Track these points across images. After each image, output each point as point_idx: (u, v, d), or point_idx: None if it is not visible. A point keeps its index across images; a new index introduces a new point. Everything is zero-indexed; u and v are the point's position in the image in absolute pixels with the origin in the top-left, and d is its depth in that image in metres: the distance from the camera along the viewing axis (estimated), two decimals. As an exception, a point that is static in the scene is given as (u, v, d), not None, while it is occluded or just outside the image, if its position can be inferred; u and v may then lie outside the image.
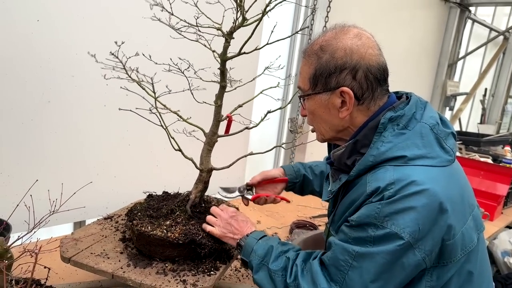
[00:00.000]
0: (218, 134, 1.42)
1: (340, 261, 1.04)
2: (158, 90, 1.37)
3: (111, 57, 1.32)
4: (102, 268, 1.23)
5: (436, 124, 1.09)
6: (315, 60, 1.12)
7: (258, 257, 1.19)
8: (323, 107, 1.15)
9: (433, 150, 1.06)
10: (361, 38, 1.10)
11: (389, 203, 0.98)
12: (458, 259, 1.04)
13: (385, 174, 1.02)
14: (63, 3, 1.85)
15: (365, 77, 1.08)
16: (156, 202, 1.45)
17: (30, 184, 1.39)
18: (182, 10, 1.28)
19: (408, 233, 0.96)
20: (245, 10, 1.22)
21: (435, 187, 0.98)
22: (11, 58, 1.77)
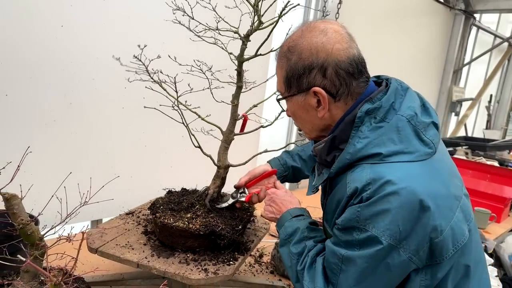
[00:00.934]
0: (235, 132, 1.49)
1: (332, 264, 1.05)
2: (179, 90, 1.45)
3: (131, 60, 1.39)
4: (128, 258, 1.30)
5: (414, 115, 1.04)
6: (285, 63, 1.11)
7: (285, 234, 1.23)
8: (301, 108, 1.13)
9: (411, 144, 1.01)
10: (327, 33, 1.06)
11: (368, 206, 0.96)
12: (451, 255, 1.00)
13: (362, 173, 1.00)
14: (85, 9, 1.95)
15: (335, 73, 1.05)
16: (176, 197, 1.52)
17: (52, 183, 1.47)
18: (198, 15, 1.36)
19: (388, 235, 0.94)
20: (261, 14, 1.30)
21: (413, 185, 0.94)
22: (36, 61, 1.86)
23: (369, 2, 3.71)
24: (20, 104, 1.86)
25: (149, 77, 1.38)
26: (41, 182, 1.93)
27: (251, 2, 1.27)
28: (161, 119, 2.27)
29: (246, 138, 1.56)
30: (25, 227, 1.14)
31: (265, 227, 1.69)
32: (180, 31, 1.50)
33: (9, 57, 1.78)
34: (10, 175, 1.06)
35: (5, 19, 1.74)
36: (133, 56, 1.32)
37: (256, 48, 1.37)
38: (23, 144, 1.88)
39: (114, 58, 1.30)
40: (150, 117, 2.29)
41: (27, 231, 1.14)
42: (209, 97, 1.50)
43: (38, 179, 1.96)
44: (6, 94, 1.81)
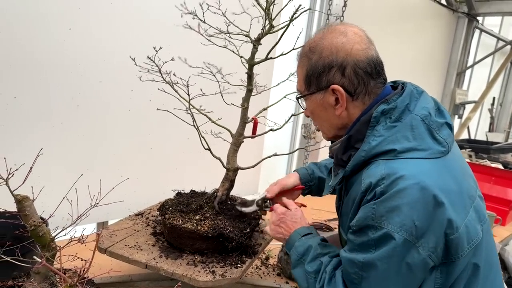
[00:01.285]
0: (244, 135, 1.50)
1: (351, 274, 1.03)
2: (190, 93, 1.46)
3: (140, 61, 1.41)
4: (136, 258, 1.31)
5: (428, 115, 1.07)
6: (306, 62, 1.15)
7: (297, 254, 1.21)
8: (320, 106, 1.16)
9: (424, 142, 1.03)
10: (347, 34, 1.10)
11: (382, 201, 0.97)
12: (466, 253, 1.01)
13: (377, 169, 1.01)
14: (93, 12, 1.96)
15: (354, 72, 1.08)
16: (185, 198, 1.53)
17: (60, 185, 1.48)
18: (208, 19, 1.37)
19: (404, 231, 0.94)
20: (272, 18, 1.31)
21: (426, 180, 0.96)
22: (44, 64, 1.87)
23: (373, 5, 3.72)
24: (28, 107, 1.86)
25: (161, 79, 1.38)
26: (49, 184, 1.94)
27: (263, 7, 1.28)
28: (167, 121, 2.28)
29: (250, 140, 1.57)
30: (37, 229, 1.14)
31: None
32: (189, 34, 1.51)
33: (17, 60, 1.79)
34: (18, 176, 1.06)
35: (14, 23, 1.75)
36: (147, 57, 1.33)
37: (263, 51, 1.38)
38: (31, 146, 1.89)
39: (130, 58, 1.31)
40: (156, 120, 2.31)
41: (39, 233, 1.15)
42: (219, 100, 1.51)
43: (46, 181, 1.97)
44: (14, 96, 1.82)
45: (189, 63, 1.49)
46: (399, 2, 4.09)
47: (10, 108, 1.81)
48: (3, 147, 1.82)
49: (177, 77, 1.42)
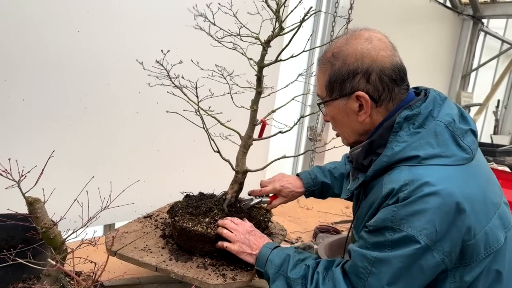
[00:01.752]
0: (253, 138, 1.49)
1: (360, 268, 1.02)
2: (199, 95, 1.46)
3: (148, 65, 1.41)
4: (146, 261, 1.30)
5: (452, 121, 1.06)
6: (328, 68, 1.14)
7: (274, 266, 1.18)
8: (342, 112, 1.15)
9: (448, 148, 1.03)
10: (372, 41, 1.10)
11: (404, 205, 0.96)
12: (482, 258, 1.01)
13: (400, 175, 1.01)
14: (101, 15, 1.97)
15: (379, 79, 1.08)
16: (194, 201, 1.52)
17: (67, 187, 1.48)
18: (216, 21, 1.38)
19: (425, 235, 0.94)
20: (282, 20, 1.31)
21: (451, 187, 0.96)
22: (53, 66, 1.88)
23: (379, 7, 3.72)
24: (37, 109, 1.87)
25: (169, 82, 1.38)
26: (57, 186, 1.94)
27: (273, 9, 1.28)
28: (174, 123, 2.29)
29: (257, 142, 1.57)
30: (48, 231, 1.14)
31: (282, 233, 1.69)
32: (197, 37, 1.51)
33: (26, 62, 1.80)
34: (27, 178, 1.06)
35: (23, 25, 1.76)
36: (155, 61, 1.33)
37: (270, 53, 1.38)
38: (39, 148, 1.90)
39: (138, 61, 1.31)
40: (164, 122, 2.31)
41: (50, 235, 1.15)
42: (227, 102, 1.51)
43: (55, 182, 1.96)
44: (23, 99, 1.82)
45: (197, 63, 1.49)
46: (405, 5, 4.09)
47: (19, 111, 1.82)
48: (12, 149, 1.83)
49: (186, 79, 1.42)
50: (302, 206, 2.88)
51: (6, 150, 1.80)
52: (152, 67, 1.38)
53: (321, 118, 3.25)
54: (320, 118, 3.28)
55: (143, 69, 1.44)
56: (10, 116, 1.80)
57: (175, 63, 1.42)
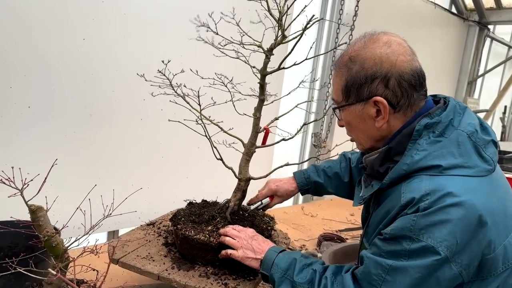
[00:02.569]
0: (256, 145, 1.49)
1: (373, 275, 1.00)
2: (201, 103, 1.46)
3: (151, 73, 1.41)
4: (149, 269, 1.30)
5: (475, 131, 1.03)
6: (345, 72, 1.11)
7: (280, 270, 1.15)
8: (358, 117, 1.13)
9: (471, 159, 1.00)
10: (391, 45, 1.08)
11: (425, 215, 0.94)
12: (499, 273, 0.99)
13: (420, 184, 0.98)
14: (106, 23, 1.99)
15: (398, 84, 1.05)
16: (197, 209, 1.52)
17: (71, 194, 1.48)
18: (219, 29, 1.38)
19: (445, 246, 0.92)
20: (284, 28, 1.31)
21: (473, 199, 0.93)
22: (58, 74, 1.89)
23: (384, 14, 3.72)
24: (42, 116, 1.88)
25: (172, 91, 1.39)
26: (61, 193, 1.95)
27: (275, 17, 1.28)
28: (178, 130, 2.28)
29: (260, 149, 1.57)
30: (50, 239, 1.14)
31: (285, 241, 1.68)
32: (200, 45, 1.51)
33: (32, 69, 1.81)
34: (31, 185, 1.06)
35: (29, 33, 1.77)
36: (157, 71, 1.33)
37: (273, 61, 1.38)
38: (44, 155, 1.91)
39: (138, 75, 1.32)
40: (167, 129, 2.31)
41: (52, 243, 1.15)
42: (230, 110, 1.51)
43: (58, 189, 1.97)
44: (28, 106, 1.84)
45: (200, 73, 1.50)
46: (410, 11, 4.08)
47: (24, 118, 1.83)
48: (17, 155, 1.84)
49: (188, 88, 1.42)
50: (307, 213, 2.86)
51: (11, 157, 1.81)
52: (155, 77, 1.39)
53: (326, 125, 3.24)
54: (325, 125, 3.28)
55: (147, 77, 1.45)
56: (16, 123, 1.82)
57: (178, 72, 1.43)
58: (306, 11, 1.29)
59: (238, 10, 1.41)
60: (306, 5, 1.32)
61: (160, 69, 1.38)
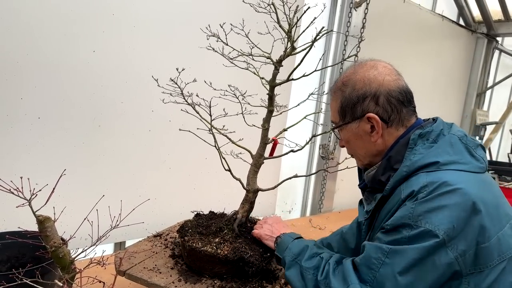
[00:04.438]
0: (265, 156, 1.48)
1: (373, 259, 1.04)
2: (212, 113, 1.46)
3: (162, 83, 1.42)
4: (155, 282, 1.28)
5: (464, 136, 1.14)
6: (340, 95, 1.23)
7: (292, 254, 1.24)
8: (355, 135, 1.23)
9: (464, 156, 1.09)
10: (377, 68, 1.20)
11: (422, 203, 1.00)
12: (495, 264, 1.02)
13: (418, 179, 1.06)
14: (116, 35, 2.01)
15: (387, 101, 1.16)
16: (205, 220, 1.51)
17: (79, 205, 1.48)
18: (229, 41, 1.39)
19: (442, 230, 0.97)
20: (294, 40, 1.31)
21: (467, 188, 1.00)
22: (68, 85, 1.91)
23: (391, 26, 3.72)
24: (51, 127, 1.90)
25: (182, 100, 1.39)
26: (68, 203, 1.95)
27: (285, 29, 1.29)
28: (185, 141, 2.29)
29: (268, 161, 1.57)
30: (57, 250, 1.13)
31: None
32: (209, 56, 1.52)
33: (43, 81, 1.84)
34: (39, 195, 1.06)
35: (41, 45, 1.80)
36: (170, 79, 1.34)
37: (283, 72, 1.38)
38: (53, 165, 1.92)
39: (153, 78, 1.33)
40: (175, 140, 2.32)
41: (59, 254, 1.14)
42: (239, 121, 1.50)
43: (66, 200, 1.97)
44: (38, 117, 1.86)
45: (210, 84, 1.50)
46: (418, 24, 4.08)
47: (34, 129, 1.85)
48: (26, 166, 1.85)
49: (200, 98, 1.43)
50: (315, 226, 2.83)
51: (20, 167, 1.82)
52: (167, 85, 1.40)
53: (333, 137, 3.23)
54: (333, 136, 3.26)
55: (156, 88, 1.45)
56: (26, 133, 1.83)
57: (188, 81, 1.43)
58: (314, 23, 1.29)
59: (248, 22, 1.42)
60: (315, 17, 1.32)
61: (172, 78, 1.39)
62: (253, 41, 1.37)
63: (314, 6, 1.37)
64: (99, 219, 1.24)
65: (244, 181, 1.50)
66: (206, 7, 2.30)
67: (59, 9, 1.82)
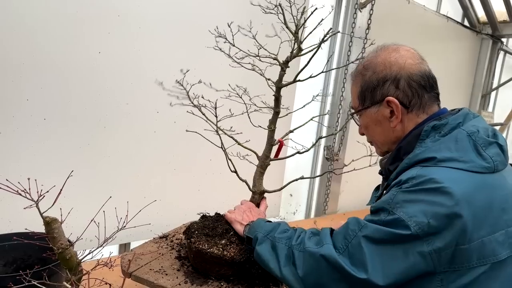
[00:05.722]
0: (271, 158, 1.47)
1: (349, 230, 1.05)
2: (218, 115, 1.46)
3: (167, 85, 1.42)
4: (162, 283, 1.28)
5: (476, 131, 1.07)
6: (360, 79, 1.21)
7: (264, 231, 1.23)
8: (374, 120, 1.21)
9: (466, 154, 1.03)
10: (399, 51, 1.18)
11: (404, 192, 1.00)
12: (472, 267, 0.98)
13: (411, 171, 1.05)
14: (122, 37, 2.01)
15: (408, 85, 1.14)
16: (211, 222, 1.50)
17: (84, 206, 1.48)
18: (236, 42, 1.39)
19: (414, 222, 0.95)
20: (301, 41, 1.31)
21: (455, 188, 0.96)
22: (74, 86, 1.92)
23: (396, 27, 3.71)
24: (57, 128, 1.90)
25: (188, 102, 1.39)
26: (74, 205, 1.95)
27: (292, 30, 1.28)
28: (191, 143, 2.29)
29: (272, 162, 1.56)
30: (64, 252, 1.13)
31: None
32: (214, 58, 1.52)
33: (48, 82, 1.84)
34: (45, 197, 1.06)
35: (46, 46, 1.80)
36: (176, 81, 1.34)
37: (288, 74, 1.38)
38: (58, 167, 1.92)
39: (157, 82, 1.32)
40: (180, 141, 2.32)
41: (66, 256, 1.14)
42: (244, 123, 1.50)
43: (72, 201, 1.97)
44: (44, 118, 1.86)
45: (215, 85, 1.50)
46: (422, 24, 4.07)
47: (40, 130, 1.85)
48: (33, 167, 1.85)
49: (205, 99, 1.43)
50: (319, 228, 2.82)
51: (26, 169, 1.82)
52: (172, 86, 1.40)
53: (338, 138, 3.22)
54: (337, 137, 3.25)
55: (161, 89, 1.46)
56: (31, 135, 1.83)
57: (194, 83, 1.43)
58: (321, 24, 1.29)
59: (255, 23, 1.41)
60: (323, 18, 1.32)
61: (177, 80, 1.39)
62: (260, 43, 1.37)
63: (321, 7, 1.37)
64: (105, 221, 1.24)
65: (250, 183, 1.50)
66: (211, 8, 2.30)
67: (64, 10, 1.82)
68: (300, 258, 1.10)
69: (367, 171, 1.58)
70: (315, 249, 1.08)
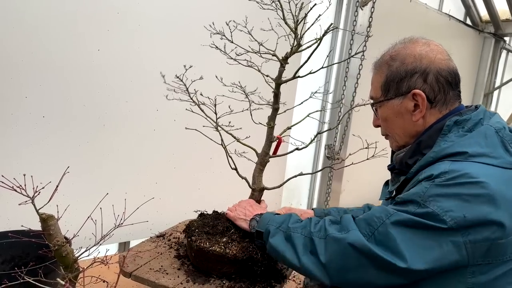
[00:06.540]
0: (270, 155, 1.46)
1: (375, 217, 1.03)
2: (218, 111, 1.45)
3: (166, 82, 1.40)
4: (163, 283, 1.26)
5: (503, 128, 1.07)
6: (386, 69, 1.18)
7: (275, 223, 1.21)
8: (396, 112, 1.18)
9: (496, 150, 1.02)
10: (430, 45, 1.17)
11: (438, 186, 0.97)
12: (506, 260, 0.98)
13: (441, 165, 1.02)
14: (121, 34, 2.00)
15: (436, 80, 1.12)
16: (210, 220, 1.48)
17: (82, 204, 1.47)
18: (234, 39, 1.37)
19: (450, 217, 0.93)
20: (300, 37, 1.29)
21: (490, 182, 0.95)
22: (73, 84, 1.91)
23: (398, 25, 3.69)
24: (56, 125, 1.89)
25: (187, 98, 1.38)
26: (72, 202, 1.94)
27: (291, 26, 1.27)
28: (190, 141, 2.28)
29: (273, 159, 1.55)
30: (61, 249, 1.12)
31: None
32: (215, 55, 1.50)
33: (48, 80, 1.83)
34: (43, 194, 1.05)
35: (45, 44, 1.79)
36: (175, 76, 1.32)
37: (287, 71, 1.36)
38: (57, 164, 1.91)
39: (161, 75, 1.31)
40: (180, 139, 2.31)
41: (62, 253, 1.12)
42: (244, 120, 1.48)
43: (70, 198, 1.97)
44: (43, 115, 1.85)
45: (214, 82, 1.49)
46: (424, 23, 4.05)
47: (39, 127, 1.84)
48: (31, 164, 1.84)
49: (205, 96, 1.41)
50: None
51: (25, 166, 1.82)
52: (172, 81, 1.38)
53: (339, 137, 3.20)
54: (338, 136, 3.23)
55: (160, 87, 1.44)
56: (30, 132, 1.82)
57: (194, 79, 1.42)
58: (320, 20, 1.27)
59: (252, 19, 1.40)
60: (320, 14, 1.30)
61: (177, 75, 1.37)
62: (258, 39, 1.36)
63: (320, 3, 1.36)
64: (103, 218, 1.23)
65: (249, 180, 1.48)
66: (210, 5, 2.29)
67: (63, 8, 1.81)
68: (321, 245, 1.08)
69: (367, 171, 1.57)
70: (339, 235, 1.06)
